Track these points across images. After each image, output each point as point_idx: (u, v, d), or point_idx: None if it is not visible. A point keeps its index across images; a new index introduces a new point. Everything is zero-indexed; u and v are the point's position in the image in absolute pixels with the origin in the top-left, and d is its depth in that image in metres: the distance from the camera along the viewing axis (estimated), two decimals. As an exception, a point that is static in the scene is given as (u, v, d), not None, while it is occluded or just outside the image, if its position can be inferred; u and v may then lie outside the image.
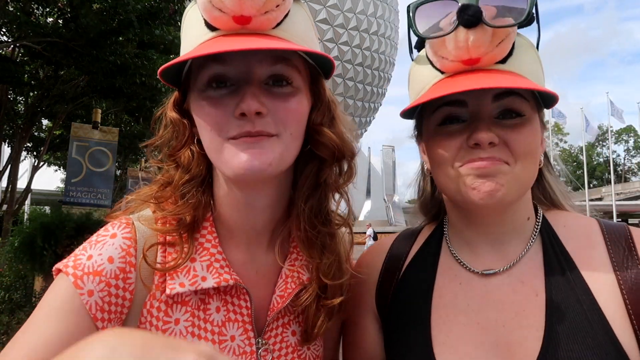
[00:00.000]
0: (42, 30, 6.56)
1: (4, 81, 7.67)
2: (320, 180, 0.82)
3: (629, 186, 51.55)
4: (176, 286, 0.74)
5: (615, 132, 62.77)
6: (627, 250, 0.77)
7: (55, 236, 5.54)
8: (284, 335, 0.81)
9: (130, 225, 0.79)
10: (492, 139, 0.75)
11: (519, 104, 0.77)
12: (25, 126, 9.76)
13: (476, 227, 0.86)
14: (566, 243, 0.82)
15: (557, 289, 0.77)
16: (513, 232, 0.85)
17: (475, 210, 0.83)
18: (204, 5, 0.67)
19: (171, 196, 0.81)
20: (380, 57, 41.04)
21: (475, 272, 0.85)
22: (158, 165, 0.85)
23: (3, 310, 5.43)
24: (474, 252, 0.87)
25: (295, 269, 0.82)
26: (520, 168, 0.76)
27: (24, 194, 11.06)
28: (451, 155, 0.79)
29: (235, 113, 0.70)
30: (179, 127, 0.80)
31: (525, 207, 0.86)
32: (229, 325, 0.77)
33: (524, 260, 0.83)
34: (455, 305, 0.85)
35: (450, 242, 0.92)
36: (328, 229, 0.83)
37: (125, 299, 0.74)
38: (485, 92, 0.76)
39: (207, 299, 0.77)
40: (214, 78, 0.72)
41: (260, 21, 0.68)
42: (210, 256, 0.77)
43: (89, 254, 0.75)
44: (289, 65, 0.73)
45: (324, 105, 0.80)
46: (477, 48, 0.72)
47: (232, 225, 0.82)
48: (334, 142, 0.79)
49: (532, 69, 0.78)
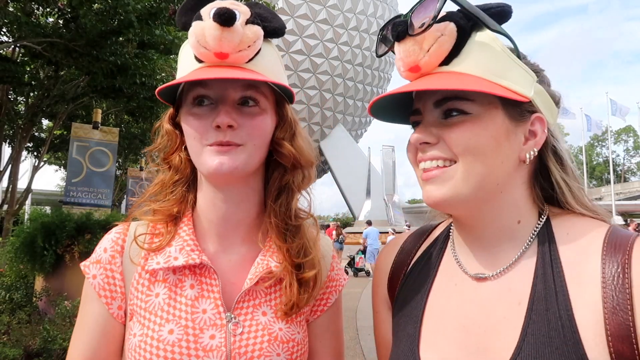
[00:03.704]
0: (42, 30, 6.56)
1: (4, 81, 7.68)
2: (283, 184, 1.02)
3: (629, 186, 51.55)
4: (153, 264, 0.95)
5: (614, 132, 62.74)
6: (620, 268, 0.71)
7: (56, 236, 5.55)
8: (254, 314, 0.96)
9: (126, 224, 1.04)
10: (424, 139, 0.79)
11: (459, 105, 0.78)
12: (25, 126, 9.77)
13: (463, 229, 0.87)
14: (562, 252, 0.78)
15: (538, 300, 0.75)
16: (502, 236, 0.82)
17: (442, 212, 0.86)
18: (193, 44, 0.88)
19: (163, 192, 1.03)
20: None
21: (469, 275, 0.85)
22: (156, 167, 1.07)
23: (3, 310, 5.43)
24: (469, 255, 0.87)
25: (266, 258, 0.99)
26: (462, 166, 0.77)
27: (24, 194, 11.06)
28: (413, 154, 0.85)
29: (213, 125, 0.90)
30: (172, 136, 1.02)
31: (511, 209, 0.82)
32: (202, 300, 0.94)
33: (515, 267, 0.80)
34: (447, 305, 0.85)
35: (453, 241, 0.92)
36: (295, 221, 1.03)
37: (116, 278, 0.98)
38: (429, 98, 0.81)
39: (182, 277, 0.96)
40: (198, 97, 0.93)
41: (235, 57, 0.88)
42: (183, 242, 0.97)
43: (96, 249, 1.01)
44: (257, 91, 0.94)
45: (286, 124, 1.01)
46: (408, 57, 0.79)
47: (209, 219, 1.01)
48: (292, 153, 1.00)
49: (488, 65, 0.77)
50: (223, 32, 0.85)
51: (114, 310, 0.96)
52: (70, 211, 6.24)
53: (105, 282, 0.97)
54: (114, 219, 6.26)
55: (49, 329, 4.50)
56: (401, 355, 0.85)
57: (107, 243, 1.00)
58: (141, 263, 0.97)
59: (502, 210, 0.81)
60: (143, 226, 1.02)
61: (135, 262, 0.97)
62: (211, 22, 0.85)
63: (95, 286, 0.97)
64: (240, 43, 0.87)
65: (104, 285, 0.97)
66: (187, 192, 1.02)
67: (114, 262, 0.98)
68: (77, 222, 5.73)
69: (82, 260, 1.00)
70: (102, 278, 0.97)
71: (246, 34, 0.87)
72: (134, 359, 0.90)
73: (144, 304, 0.94)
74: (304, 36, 35.30)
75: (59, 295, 5.26)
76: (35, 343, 4.46)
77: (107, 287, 0.97)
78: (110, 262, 0.98)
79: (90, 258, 1.01)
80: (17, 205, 10.42)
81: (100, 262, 0.98)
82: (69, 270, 5.55)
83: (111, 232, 1.03)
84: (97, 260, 0.99)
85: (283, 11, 33.36)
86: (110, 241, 1.00)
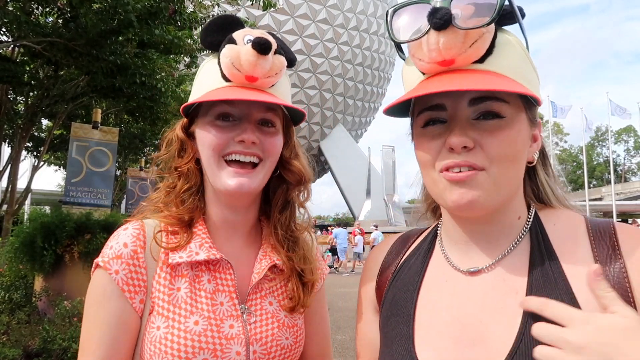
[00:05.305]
0: (42, 30, 6.56)
1: (4, 81, 7.67)
2: (288, 198, 1.14)
3: (629, 186, 51.56)
4: (176, 258, 1.01)
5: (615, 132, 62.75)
6: (611, 249, 0.77)
7: (55, 236, 5.54)
8: (262, 304, 1.07)
9: (139, 222, 1.06)
10: (466, 143, 0.74)
11: (498, 107, 0.75)
12: (25, 126, 9.76)
13: (464, 227, 0.87)
14: (554, 241, 0.82)
15: (537, 287, 0.77)
16: (502, 231, 0.84)
17: (457, 215, 0.84)
18: (226, 65, 0.96)
19: (174, 200, 1.08)
20: (380, 57, 41.09)
21: (461, 270, 0.86)
22: (161, 175, 1.12)
23: (3, 310, 5.43)
24: (462, 251, 0.87)
25: (267, 254, 1.10)
26: (496, 172, 0.75)
27: (24, 194, 11.06)
28: (432, 157, 0.79)
29: (236, 139, 0.99)
30: (186, 145, 1.08)
31: (516, 207, 0.85)
32: (218, 294, 1.02)
33: (508, 258, 0.83)
34: (439, 302, 0.86)
35: (442, 240, 0.93)
36: (295, 232, 1.15)
37: (140, 273, 1.00)
38: (462, 95, 0.76)
39: (200, 273, 1.03)
40: (224, 114, 1.01)
41: (262, 82, 0.98)
42: (202, 239, 1.05)
43: (110, 245, 1.02)
44: (274, 113, 1.05)
45: (292, 144, 1.13)
46: (448, 50, 0.73)
47: (218, 223, 1.10)
48: (299, 170, 1.12)
49: (516, 67, 0.76)
50: (259, 59, 0.95)
51: (137, 304, 0.99)
52: (69, 211, 6.25)
53: (129, 276, 0.98)
54: (114, 219, 6.28)
55: (49, 329, 4.50)
56: (396, 355, 0.85)
57: (127, 238, 1.01)
58: (162, 258, 1.02)
59: (510, 209, 0.84)
60: (157, 226, 1.05)
61: (155, 258, 1.01)
62: (249, 48, 0.94)
63: (118, 281, 0.97)
64: (270, 70, 0.97)
65: (128, 280, 0.98)
66: (198, 201, 1.09)
67: (137, 257, 1.00)
68: (77, 222, 5.72)
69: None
70: (125, 273, 0.98)
71: (275, 63, 0.98)
72: (159, 351, 0.94)
73: (167, 297, 0.99)
74: (304, 36, 35.30)
75: (59, 295, 5.25)
76: (35, 343, 4.47)
77: (131, 281, 0.98)
78: (132, 257, 0.99)
79: (106, 254, 1.00)
80: (17, 205, 10.42)
81: (122, 257, 0.99)
82: (68, 270, 5.52)
83: (128, 228, 1.04)
84: (117, 255, 0.99)
85: (283, 11, 33.35)
86: (130, 236, 1.02)
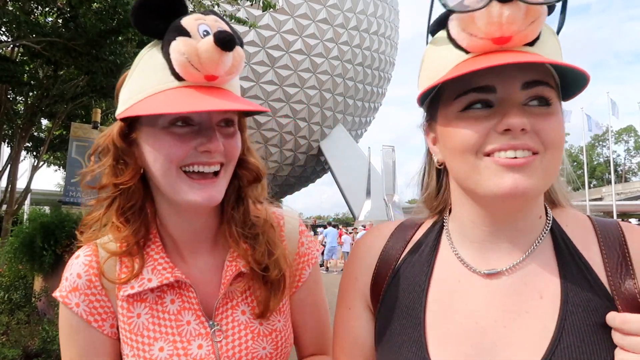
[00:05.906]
0: (41, 29, 6.54)
1: (4, 81, 7.66)
2: (241, 194, 1.03)
3: (629, 186, 51.55)
4: (128, 289, 0.94)
5: (615, 132, 62.70)
6: (622, 257, 0.75)
7: (55, 236, 5.53)
8: (234, 315, 0.98)
9: (91, 246, 0.99)
10: (525, 125, 0.70)
11: (548, 92, 0.73)
12: (24, 126, 9.75)
13: (489, 224, 0.81)
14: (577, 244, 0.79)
15: (574, 292, 0.74)
16: (524, 230, 0.80)
17: (494, 205, 0.78)
18: (181, 62, 0.81)
19: (116, 221, 0.96)
20: (380, 57, 41.03)
21: (478, 272, 0.81)
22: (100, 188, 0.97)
23: (3, 310, 5.42)
24: (477, 250, 0.83)
25: (234, 261, 1.00)
26: (549, 159, 0.73)
27: (23, 194, 11.04)
28: (477, 142, 0.73)
29: (200, 149, 0.87)
30: (128, 156, 0.93)
31: (540, 205, 0.82)
32: (184, 312, 0.96)
33: (530, 260, 0.79)
34: (452, 303, 0.81)
35: (451, 238, 0.88)
36: (254, 229, 1.02)
37: (102, 300, 0.96)
38: (514, 77, 0.72)
39: (162, 294, 0.96)
40: (180, 119, 0.87)
41: (222, 79, 0.86)
42: (154, 261, 0.96)
43: (65, 277, 0.97)
44: (233, 112, 0.94)
45: (244, 138, 1.02)
46: (510, 24, 0.67)
47: (176, 235, 1.00)
48: (256, 167, 1.02)
49: (557, 55, 0.74)
50: (222, 57, 0.81)
51: (107, 330, 0.96)
52: (69, 211, 6.24)
53: (91, 307, 0.95)
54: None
55: (48, 329, 4.49)
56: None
57: (79, 268, 0.96)
58: (115, 291, 0.96)
59: (536, 205, 0.81)
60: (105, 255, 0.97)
61: (109, 289, 0.96)
62: (210, 44, 0.80)
63: (81, 314, 0.94)
64: (232, 67, 0.85)
65: (91, 310, 0.94)
66: (145, 216, 0.97)
67: (94, 286, 0.95)
68: (77, 222, 5.70)
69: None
70: (86, 304, 0.94)
71: (235, 58, 0.85)
72: None
73: (128, 327, 0.94)
74: (304, 36, 35.25)
75: (58, 295, 5.24)
76: (34, 343, 4.46)
77: (95, 310, 0.95)
78: (89, 286, 0.95)
79: (63, 287, 0.96)
80: (16, 205, 10.41)
81: (78, 289, 0.94)
82: (68, 270, 5.51)
83: (80, 256, 0.98)
84: (73, 288, 0.95)
85: (283, 11, 33.30)
86: (82, 265, 0.96)
